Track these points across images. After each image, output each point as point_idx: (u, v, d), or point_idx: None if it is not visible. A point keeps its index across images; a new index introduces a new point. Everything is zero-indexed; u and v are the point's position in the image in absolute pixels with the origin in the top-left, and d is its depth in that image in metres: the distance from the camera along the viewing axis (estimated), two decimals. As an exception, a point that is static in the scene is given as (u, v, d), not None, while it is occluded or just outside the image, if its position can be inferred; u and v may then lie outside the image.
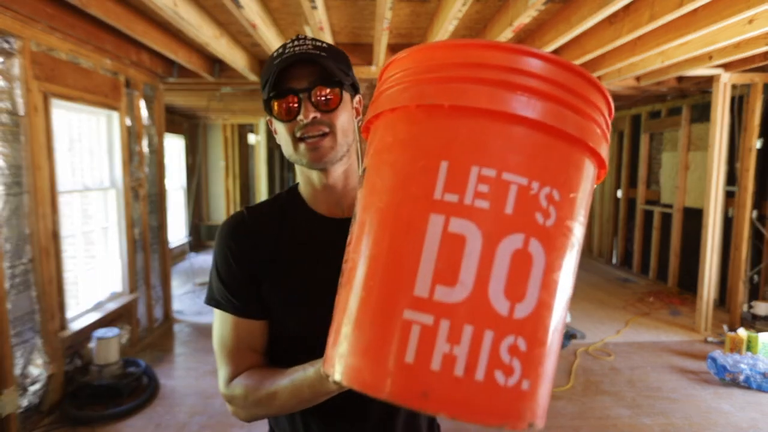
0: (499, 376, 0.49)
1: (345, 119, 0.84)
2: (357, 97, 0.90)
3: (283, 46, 0.83)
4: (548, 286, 0.52)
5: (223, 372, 0.86)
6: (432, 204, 0.52)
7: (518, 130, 0.53)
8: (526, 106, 0.52)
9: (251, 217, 0.89)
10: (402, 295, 0.52)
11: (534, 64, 0.53)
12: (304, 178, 0.90)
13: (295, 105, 0.80)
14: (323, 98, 0.81)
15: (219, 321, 0.87)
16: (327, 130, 0.81)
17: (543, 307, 0.52)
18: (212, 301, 0.87)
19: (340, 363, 0.55)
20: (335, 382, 0.56)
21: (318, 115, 0.80)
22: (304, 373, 0.76)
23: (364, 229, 0.58)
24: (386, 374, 0.51)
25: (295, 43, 0.83)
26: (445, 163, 0.53)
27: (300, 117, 0.80)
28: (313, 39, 0.84)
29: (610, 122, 0.62)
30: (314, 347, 0.80)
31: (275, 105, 0.81)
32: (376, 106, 0.62)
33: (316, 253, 0.86)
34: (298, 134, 0.81)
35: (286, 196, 0.93)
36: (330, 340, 0.60)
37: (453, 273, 0.50)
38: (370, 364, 0.52)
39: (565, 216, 0.53)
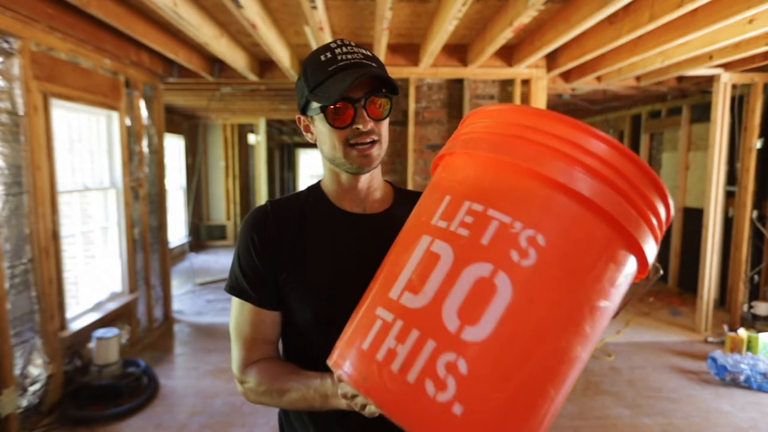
0: (429, 385, 0.51)
1: (387, 126, 0.89)
2: None
3: (330, 51, 0.85)
4: (510, 322, 0.52)
5: (236, 355, 0.92)
6: (427, 227, 0.62)
7: (512, 175, 0.59)
8: (518, 155, 0.59)
9: (274, 210, 0.92)
10: (382, 295, 0.61)
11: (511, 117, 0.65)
12: (332, 175, 0.94)
13: (351, 113, 0.83)
14: (378, 108, 0.84)
15: (236, 308, 0.92)
16: (377, 137, 0.86)
17: (500, 340, 0.52)
18: (232, 289, 0.92)
19: (334, 351, 0.65)
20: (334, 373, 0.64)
21: (373, 124, 0.84)
22: (320, 382, 0.80)
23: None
24: (348, 356, 0.60)
25: (345, 49, 0.85)
26: (447, 197, 0.62)
27: (358, 126, 0.83)
28: (357, 45, 0.87)
29: (660, 210, 0.61)
30: (328, 331, 0.84)
31: (329, 112, 0.83)
32: (443, 149, 0.75)
33: (335, 243, 0.91)
34: (352, 141, 0.85)
35: (308, 192, 0.98)
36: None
37: (420, 282, 0.57)
38: (344, 348, 0.62)
39: (553, 263, 0.54)
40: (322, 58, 0.85)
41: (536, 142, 0.57)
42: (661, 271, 0.66)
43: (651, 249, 0.61)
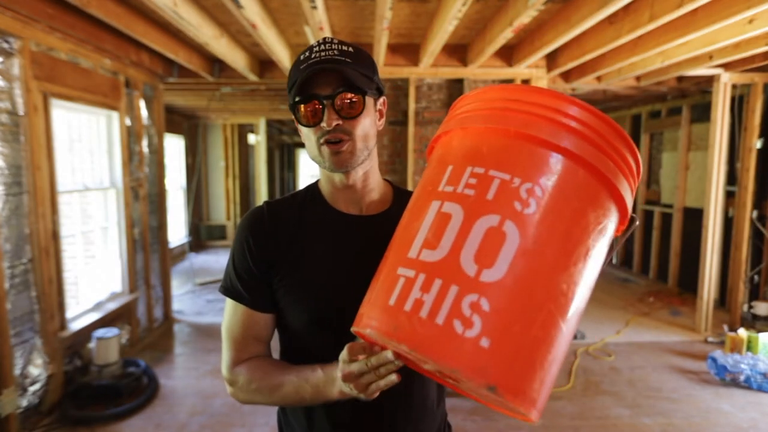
0: (457, 324, 0.58)
1: (367, 125, 0.86)
2: (381, 99, 0.92)
3: (310, 50, 0.85)
4: (520, 262, 0.61)
5: (226, 356, 0.91)
6: (435, 194, 0.69)
7: (505, 139, 0.68)
8: (508, 122, 0.67)
9: (271, 211, 0.92)
10: (400, 257, 0.67)
11: (493, 94, 0.73)
12: (325, 176, 0.93)
13: (319, 110, 0.82)
14: (346, 105, 0.82)
15: (230, 308, 0.92)
16: (348, 137, 0.84)
17: (514, 277, 0.60)
18: (226, 290, 0.92)
19: (359, 316, 0.70)
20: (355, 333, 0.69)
21: (340, 122, 0.82)
22: (312, 373, 0.81)
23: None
24: (375, 315, 0.65)
25: (322, 47, 0.84)
26: (450, 167, 0.70)
27: (323, 123, 0.82)
28: (339, 42, 0.86)
29: (632, 164, 0.71)
30: (326, 333, 0.85)
31: (300, 109, 0.84)
32: (439, 130, 0.81)
33: (331, 245, 0.90)
34: (321, 140, 0.84)
35: (305, 193, 0.97)
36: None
37: (436, 240, 0.64)
38: (370, 310, 0.67)
39: (549, 209, 0.64)
40: (302, 57, 0.85)
41: (522, 111, 0.67)
42: (637, 222, 0.77)
43: (628, 196, 0.71)
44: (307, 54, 0.84)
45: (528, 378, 0.60)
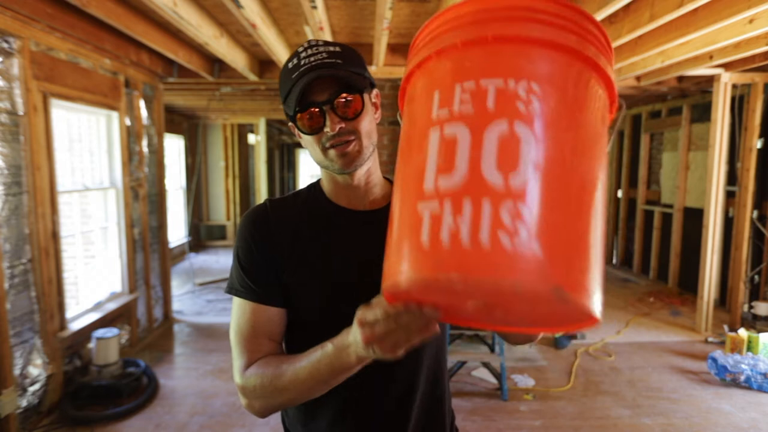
0: (503, 237, 0.55)
1: (368, 122, 0.86)
2: (374, 92, 0.91)
3: (297, 56, 0.84)
4: (543, 158, 0.59)
5: (238, 363, 0.85)
6: (430, 123, 0.64)
7: (486, 47, 0.63)
8: (485, 29, 0.64)
9: (273, 208, 0.91)
10: (415, 193, 0.62)
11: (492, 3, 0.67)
12: (328, 176, 0.92)
13: (320, 117, 0.82)
14: (346, 108, 0.82)
15: (237, 310, 0.88)
16: (353, 137, 0.83)
17: (542, 175, 0.58)
18: (232, 290, 0.89)
19: (386, 276, 0.64)
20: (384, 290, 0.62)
21: (343, 124, 0.82)
22: (322, 350, 0.77)
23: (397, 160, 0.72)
24: (410, 264, 0.59)
25: (309, 51, 0.83)
26: (436, 92, 0.65)
27: (326, 129, 0.82)
28: (325, 43, 0.85)
29: (603, 42, 0.68)
30: (333, 332, 0.80)
31: (300, 119, 0.83)
32: (408, 67, 0.72)
33: (335, 240, 0.89)
34: (327, 144, 0.83)
35: (307, 191, 0.96)
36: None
37: (449, 164, 0.60)
38: (398, 264, 0.61)
39: (550, 101, 0.61)
40: (290, 65, 0.84)
41: (494, 18, 0.65)
42: (624, 108, 0.70)
43: (610, 72, 0.68)
44: (295, 61, 0.83)
45: (585, 272, 0.59)
